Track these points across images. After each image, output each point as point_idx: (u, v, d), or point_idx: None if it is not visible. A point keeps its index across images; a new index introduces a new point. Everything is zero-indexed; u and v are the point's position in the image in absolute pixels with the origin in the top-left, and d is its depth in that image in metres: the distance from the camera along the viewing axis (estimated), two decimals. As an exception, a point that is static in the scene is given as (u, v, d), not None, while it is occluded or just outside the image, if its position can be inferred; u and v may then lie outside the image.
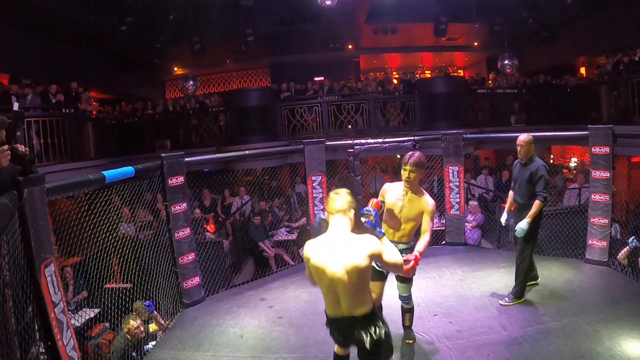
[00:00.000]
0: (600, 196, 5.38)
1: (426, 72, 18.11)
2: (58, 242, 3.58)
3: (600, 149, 5.38)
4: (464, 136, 6.81)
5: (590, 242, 5.46)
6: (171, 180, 5.01)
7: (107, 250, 4.72)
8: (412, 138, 6.87)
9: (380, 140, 6.92)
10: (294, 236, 8.69)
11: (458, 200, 6.66)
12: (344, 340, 2.74)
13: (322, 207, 6.53)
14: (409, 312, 3.94)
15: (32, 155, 2.76)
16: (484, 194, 9.32)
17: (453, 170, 6.63)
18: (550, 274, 5.21)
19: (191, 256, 5.18)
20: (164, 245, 5.02)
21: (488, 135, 8.79)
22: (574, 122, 9.81)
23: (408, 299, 3.85)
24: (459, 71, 18.25)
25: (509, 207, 4.98)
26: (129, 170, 4.31)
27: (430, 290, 5.06)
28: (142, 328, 4.32)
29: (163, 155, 5.07)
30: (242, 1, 11.22)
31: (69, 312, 3.18)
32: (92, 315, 5.33)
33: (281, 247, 8.53)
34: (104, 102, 13.35)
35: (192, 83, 12.79)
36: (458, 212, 6.66)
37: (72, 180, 3.48)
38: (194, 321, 4.72)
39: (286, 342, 4.13)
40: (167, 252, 5.01)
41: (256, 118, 11.28)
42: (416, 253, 3.30)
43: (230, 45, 13.69)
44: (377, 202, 3.09)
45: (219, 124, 11.81)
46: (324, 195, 6.55)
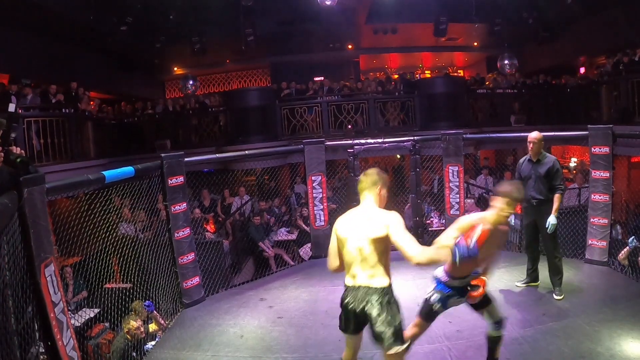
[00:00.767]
0: (600, 196, 5.37)
1: (426, 72, 18.11)
2: (58, 242, 3.58)
3: (600, 149, 5.37)
4: (464, 136, 6.81)
5: (590, 242, 5.46)
6: (171, 180, 5.01)
7: (107, 250, 4.72)
8: (412, 138, 6.87)
9: (380, 140, 6.92)
10: (294, 236, 8.69)
11: (458, 200, 6.66)
12: (354, 317, 2.70)
13: (322, 207, 6.53)
14: (497, 341, 3.35)
15: (25, 158, 2.75)
16: (483, 194, 9.32)
17: (453, 170, 6.63)
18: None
19: (191, 256, 5.18)
20: (163, 245, 5.02)
21: (488, 135, 8.80)
22: (574, 122, 9.81)
23: (498, 326, 3.32)
24: (459, 71, 18.25)
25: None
26: (129, 170, 4.31)
27: (430, 290, 5.04)
28: (142, 328, 4.32)
29: (163, 155, 5.07)
30: (242, 1, 11.22)
31: (69, 312, 3.18)
32: (92, 315, 5.33)
33: (281, 247, 8.53)
34: (104, 102, 13.34)
35: (192, 83, 12.79)
36: (458, 212, 6.65)
37: (72, 180, 3.48)
38: (194, 321, 4.72)
39: (286, 342, 4.13)
40: (167, 252, 5.01)
41: (256, 118, 11.28)
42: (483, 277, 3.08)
43: (230, 45, 13.69)
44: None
45: (218, 123, 11.82)
46: (324, 195, 6.56)
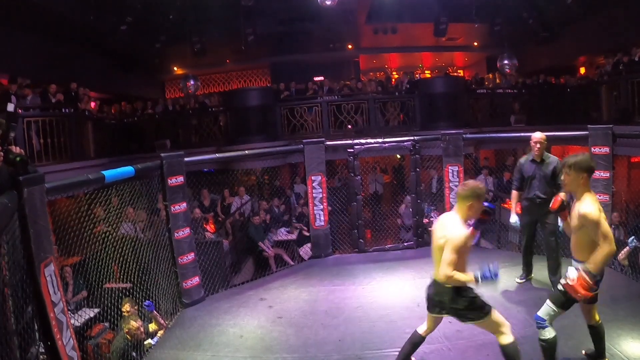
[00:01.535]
0: (600, 196, 5.35)
1: (426, 72, 18.11)
2: (58, 242, 3.58)
3: (600, 149, 5.37)
4: (464, 136, 6.80)
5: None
6: (171, 180, 5.01)
7: (106, 250, 4.71)
8: (412, 138, 6.87)
9: (380, 140, 6.91)
10: (293, 236, 8.69)
11: (458, 200, 6.64)
12: (430, 302, 3.24)
13: (321, 207, 6.53)
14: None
15: (24, 157, 2.76)
16: (483, 194, 9.30)
17: (453, 170, 6.62)
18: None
19: (191, 256, 5.18)
20: (163, 245, 5.02)
21: (488, 135, 8.79)
22: (574, 122, 9.80)
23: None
24: (459, 71, 18.25)
25: (515, 208, 5.01)
26: (128, 170, 4.31)
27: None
28: (142, 329, 4.32)
29: (163, 155, 5.07)
30: (242, 1, 11.23)
31: (69, 312, 3.18)
32: (92, 315, 5.33)
33: (281, 247, 8.53)
34: (104, 102, 13.34)
35: (192, 83, 12.78)
36: (458, 212, 6.64)
37: (72, 180, 3.48)
38: (194, 321, 4.72)
39: (286, 342, 4.13)
40: (166, 251, 5.01)
41: (256, 118, 11.28)
42: (580, 273, 2.88)
43: (230, 45, 13.70)
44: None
45: (218, 123, 11.81)
46: (324, 195, 6.55)
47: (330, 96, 11.81)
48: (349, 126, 11.54)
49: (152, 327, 4.59)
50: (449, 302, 3.08)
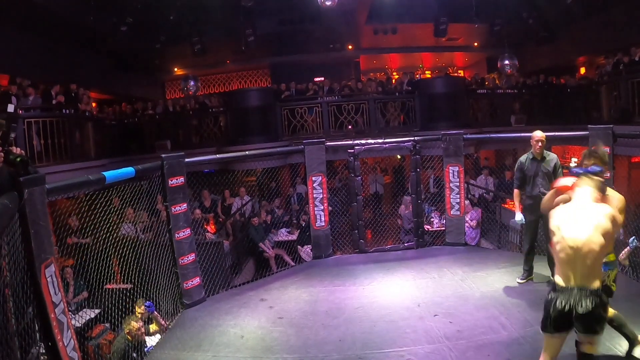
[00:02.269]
0: (600, 196, 5.37)
1: (426, 72, 18.11)
2: (58, 243, 3.58)
3: (600, 149, 5.37)
4: (464, 136, 6.81)
5: None
6: (171, 180, 5.00)
7: (107, 250, 4.72)
8: (412, 138, 6.87)
9: (380, 141, 6.91)
10: (294, 236, 8.69)
11: (458, 200, 6.66)
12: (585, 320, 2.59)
13: (322, 207, 6.54)
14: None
15: (25, 157, 2.76)
16: (484, 194, 9.32)
17: (453, 171, 6.63)
18: (550, 273, 5.21)
19: (191, 257, 5.18)
20: (164, 245, 5.02)
21: (488, 135, 8.80)
22: (574, 122, 9.81)
23: None
24: (459, 71, 18.25)
25: (519, 206, 5.10)
26: (129, 170, 4.31)
27: (430, 290, 5.06)
28: (143, 329, 4.33)
29: (163, 155, 5.07)
30: (242, 1, 11.23)
31: (70, 313, 3.18)
32: (93, 315, 5.34)
33: (281, 247, 8.53)
34: (104, 103, 13.35)
35: (192, 83, 12.79)
36: (458, 212, 6.66)
37: (73, 181, 3.49)
38: (194, 321, 4.72)
39: (286, 343, 4.13)
40: (167, 252, 5.01)
41: (256, 118, 11.28)
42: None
43: (230, 46, 13.71)
44: None
45: (219, 124, 11.81)
46: (324, 195, 6.56)
47: (330, 97, 11.82)
48: (350, 127, 11.54)
49: (152, 327, 4.59)
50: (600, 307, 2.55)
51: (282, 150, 8.53)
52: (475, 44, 15.93)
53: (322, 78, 13.57)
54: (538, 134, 4.94)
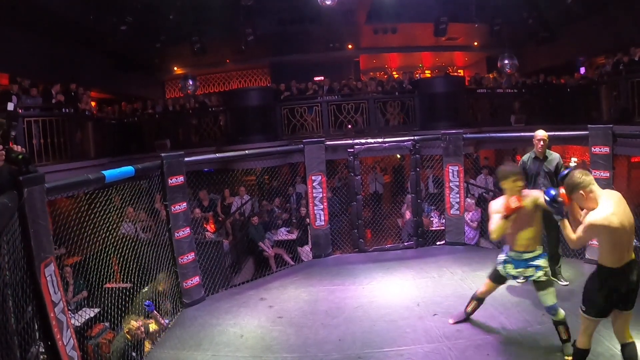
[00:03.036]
0: (600, 196, 5.37)
1: (426, 72, 18.11)
2: (58, 242, 3.58)
3: (600, 149, 5.38)
4: (464, 136, 6.81)
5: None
6: (171, 180, 5.01)
7: (107, 249, 4.72)
8: (412, 138, 6.87)
9: (380, 140, 6.92)
10: (294, 236, 8.69)
11: (458, 200, 6.66)
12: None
13: (322, 206, 6.54)
14: (560, 324, 3.55)
15: (26, 155, 2.76)
16: (484, 194, 9.32)
17: (453, 170, 6.63)
18: (550, 273, 5.20)
19: (191, 256, 5.18)
20: (164, 244, 5.02)
21: (488, 135, 8.79)
22: (574, 122, 9.80)
23: (554, 310, 3.55)
24: (459, 71, 18.25)
25: None
26: (129, 170, 4.31)
27: (430, 290, 5.06)
28: (142, 329, 4.33)
29: (163, 155, 5.07)
30: (242, 1, 11.23)
31: (69, 312, 3.18)
32: (92, 314, 5.34)
33: (281, 247, 8.53)
34: (104, 102, 13.35)
35: (191, 83, 12.79)
36: (458, 212, 6.66)
37: (72, 180, 3.48)
38: (194, 321, 4.72)
39: (286, 342, 4.13)
40: (167, 251, 5.01)
41: (256, 118, 11.27)
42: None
43: (230, 45, 13.71)
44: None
45: (218, 123, 11.82)
46: (324, 195, 6.56)
47: (330, 96, 11.81)
48: (349, 126, 11.54)
49: (152, 327, 4.59)
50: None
51: (282, 149, 8.53)
52: (475, 43, 15.93)
53: (322, 78, 13.56)
54: (540, 133, 4.94)
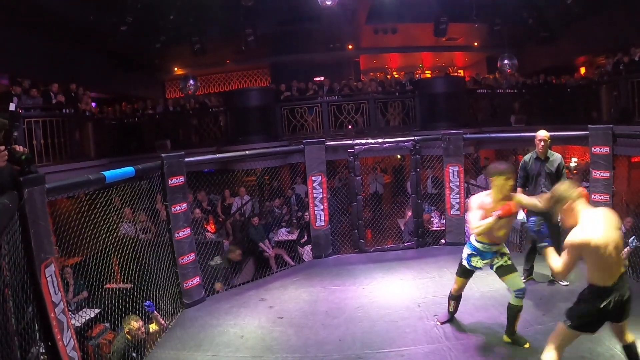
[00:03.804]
0: (600, 196, 5.37)
1: (426, 72, 18.11)
2: (58, 242, 3.58)
3: (600, 149, 5.38)
4: (464, 136, 6.81)
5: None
6: (171, 180, 5.01)
7: (107, 250, 4.72)
8: (412, 138, 6.87)
9: (380, 140, 6.91)
10: (294, 236, 8.69)
11: (458, 200, 6.66)
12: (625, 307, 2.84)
13: (322, 207, 6.54)
14: (517, 311, 3.74)
15: (29, 155, 2.76)
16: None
17: (453, 170, 6.63)
18: (550, 273, 5.21)
19: (191, 256, 5.18)
20: (164, 245, 5.02)
21: (488, 135, 8.80)
22: (574, 122, 9.80)
23: (519, 294, 3.72)
24: (459, 71, 18.24)
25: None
26: (129, 170, 4.31)
27: (430, 290, 5.06)
28: (143, 329, 4.32)
29: (163, 155, 5.07)
30: (242, 1, 11.22)
31: (69, 312, 3.18)
32: (93, 315, 5.33)
33: (281, 247, 8.53)
34: (104, 102, 13.35)
35: (192, 83, 12.79)
36: (458, 212, 6.66)
37: (73, 181, 3.48)
38: (194, 321, 4.72)
39: (286, 342, 4.13)
40: (167, 252, 5.01)
41: (256, 118, 11.28)
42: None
43: (230, 45, 13.70)
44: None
45: (219, 124, 11.82)
46: (324, 195, 6.56)
47: (330, 96, 11.81)
48: (350, 126, 11.55)
49: (152, 327, 4.59)
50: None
51: (282, 150, 8.54)
52: (475, 44, 15.93)
53: (322, 78, 13.56)
54: (542, 133, 4.93)
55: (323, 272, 5.99)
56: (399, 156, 12.11)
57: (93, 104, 11.21)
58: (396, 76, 15.79)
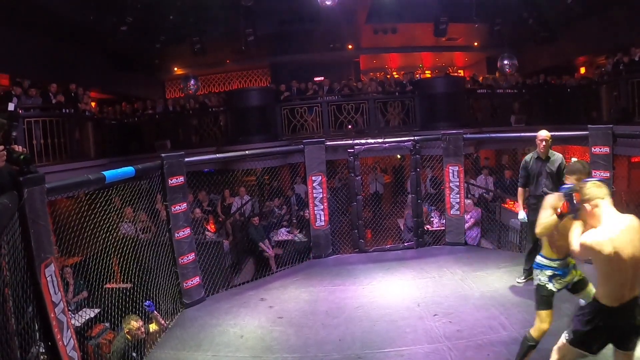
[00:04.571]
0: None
1: (426, 72, 18.10)
2: (58, 242, 3.58)
3: (600, 149, 5.38)
4: (464, 136, 6.81)
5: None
6: (171, 180, 5.01)
7: (107, 250, 4.72)
8: (412, 138, 6.87)
9: (380, 140, 6.92)
10: (293, 236, 8.68)
11: (458, 200, 6.66)
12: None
13: (322, 207, 6.54)
14: None
15: (28, 155, 2.76)
16: (484, 194, 9.32)
17: (453, 170, 6.63)
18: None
19: (191, 256, 5.18)
20: (164, 245, 5.02)
21: (488, 135, 8.80)
22: (574, 122, 9.80)
23: None
24: (459, 71, 18.24)
25: (522, 204, 5.14)
26: (129, 170, 4.31)
27: (430, 290, 5.06)
28: (143, 329, 4.32)
29: (163, 155, 5.08)
30: (242, 1, 11.22)
31: (69, 312, 3.18)
32: (92, 315, 5.33)
33: (281, 247, 8.52)
34: (104, 102, 13.34)
35: (193, 83, 12.79)
36: (458, 212, 6.66)
37: (73, 181, 3.48)
38: (194, 321, 4.72)
39: (286, 342, 4.13)
40: (167, 252, 5.01)
41: (256, 118, 11.28)
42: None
43: (230, 45, 13.68)
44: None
45: (219, 124, 11.82)
46: (324, 195, 6.56)
47: (330, 96, 11.81)
48: (349, 126, 11.54)
49: (152, 327, 4.59)
50: None
51: (282, 149, 8.53)
52: (475, 44, 15.92)
53: (322, 78, 13.56)
54: (543, 133, 4.93)
55: (323, 272, 5.99)
56: (398, 156, 12.12)
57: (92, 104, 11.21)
58: (396, 76, 15.77)
